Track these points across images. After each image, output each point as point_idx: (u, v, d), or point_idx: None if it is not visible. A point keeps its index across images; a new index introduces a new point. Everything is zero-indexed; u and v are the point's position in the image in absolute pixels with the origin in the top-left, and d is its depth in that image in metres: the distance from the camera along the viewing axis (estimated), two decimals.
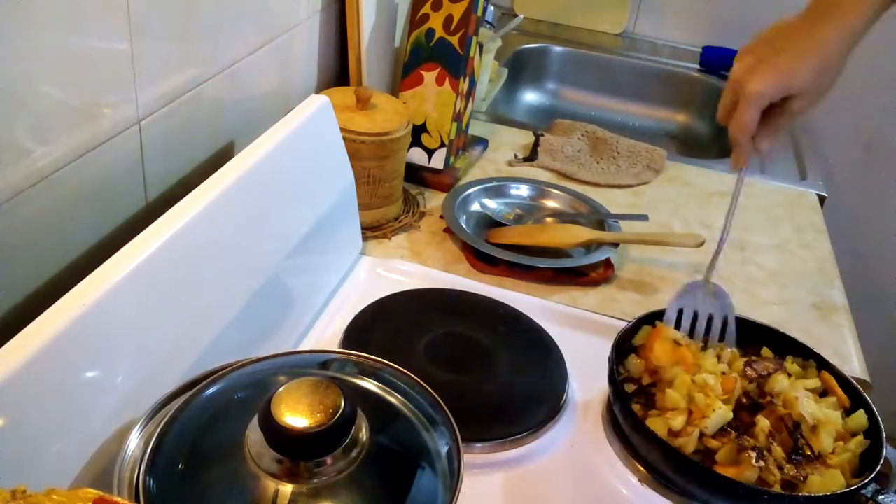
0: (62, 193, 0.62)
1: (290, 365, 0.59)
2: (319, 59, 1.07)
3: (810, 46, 0.71)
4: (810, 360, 0.78)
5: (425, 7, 1.08)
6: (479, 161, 1.24)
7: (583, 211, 1.10)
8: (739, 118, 0.73)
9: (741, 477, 0.65)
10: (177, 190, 0.78)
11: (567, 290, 0.96)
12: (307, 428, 0.47)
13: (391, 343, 0.81)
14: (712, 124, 1.69)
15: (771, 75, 0.71)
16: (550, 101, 1.77)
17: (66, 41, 0.59)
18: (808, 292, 1.02)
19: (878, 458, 0.67)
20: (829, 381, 0.75)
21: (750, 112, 0.72)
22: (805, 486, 0.65)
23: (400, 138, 0.97)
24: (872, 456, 0.68)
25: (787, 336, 0.80)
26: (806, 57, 0.71)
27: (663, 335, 0.76)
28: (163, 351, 0.59)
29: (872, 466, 0.66)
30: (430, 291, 0.90)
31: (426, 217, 1.07)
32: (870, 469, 0.66)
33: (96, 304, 0.53)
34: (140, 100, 0.69)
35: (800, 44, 0.72)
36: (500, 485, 0.70)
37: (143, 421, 0.54)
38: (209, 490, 0.49)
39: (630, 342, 0.79)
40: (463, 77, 1.09)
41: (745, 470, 0.65)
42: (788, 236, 1.14)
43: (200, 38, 0.77)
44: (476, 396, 0.76)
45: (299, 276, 0.81)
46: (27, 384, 0.48)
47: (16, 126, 0.56)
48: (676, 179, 1.28)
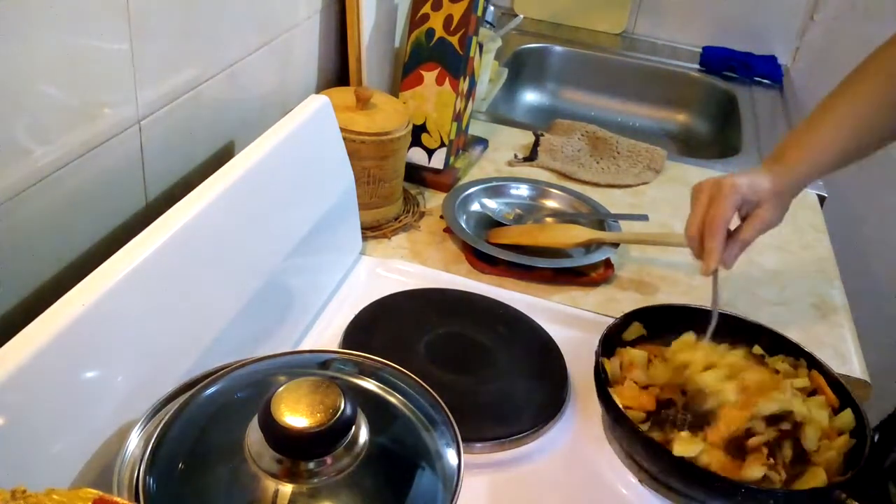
0: (62, 193, 0.62)
1: (290, 365, 0.59)
2: (319, 59, 1.07)
3: (767, 173, 0.81)
4: (801, 359, 0.78)
5: (425, 7, 1.08)
6: (479, 161, 1.24)
7: (583, 211, 1.10)
8: (715, 210, 0.77)
9: (745, 476, 0.65)
10: (177, 190, 0.78)
11: (567, 290, 0.96)
12: (307, 428, 0.47)
13: (391, 343, 0.81)
14: (712, 124, 1.69)
15: (742, 176, 0.79)
16: (550, 101, 1.77)
17: (66, 41, 0.59)
18: (808, 292, 1.02)
19: (861, 456, 0.67)
20: (819, 380, 0.76)
21: (726, 204, 0.77)
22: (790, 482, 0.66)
23: (400, 138, 0.97)
24: (858, 455, 0.68)
25: (778, 334, 0.80)
26: (766, 174, 0.80)
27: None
28: (163, 351, 0.59)
29: (856, 465, 0.67)
30: (430, 291, 0.90)
31: (426, 217, 1.07)
32: (853, 467, 0.67)
33: (96, 304, 0.53)
34: (140, 100, 0.69)
35: (758, 172, 0.81)
36: (501, 485, 0.70)
37: (143, 421, 0.54)
38: (209, 490, 0.49)
39: (619, 337, 0.80)
40: (463, 77, 1.09)
41: (752, 468, 0.65)
42: (788, 236, 1.14)
43: (200, 38, 0.77)
44: (476, 396, 0.76)
45: (299, 276, 0.81)
46: (27, 384, 0.48)
47: (16, 126, 0.56)
48: (676, 179, 1.28)
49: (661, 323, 0.81)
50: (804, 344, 0.79)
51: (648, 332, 0.81)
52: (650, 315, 0.82)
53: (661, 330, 0.81)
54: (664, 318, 0.81)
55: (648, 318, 0.82)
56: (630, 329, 0.81)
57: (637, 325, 0.81)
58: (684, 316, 0.81)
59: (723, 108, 1.65)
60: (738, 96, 1.63)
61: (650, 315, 0.82)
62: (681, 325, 0.80)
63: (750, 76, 1.71)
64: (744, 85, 1.69)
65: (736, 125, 1.53)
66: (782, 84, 1.72)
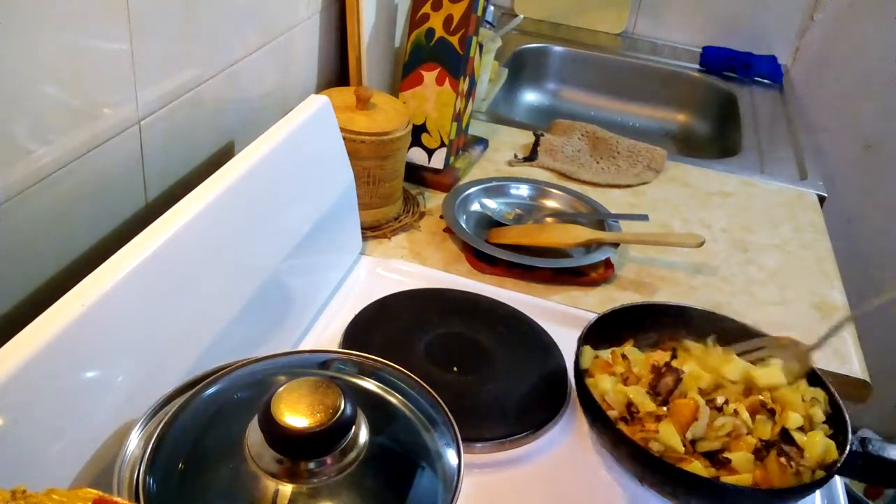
0: (62, 193, 0.62)
1: (290, 365, 0.59)
2: (319, 59, 1.07)
3: None
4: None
5: (425, 7, 1.08)
6: (479, 161, 1.24)
7: (583, 211, 1.10)
8: None
9: (774, 482, 0.64)
10: (177, 190, 0.78)
11: (567, 290, 0.96)
12: (307, 428, 0.47)
13: (391, 343, 0.81)
14: (712, 124, 1.69)
15: None
16: (550, 101, 1.77)
17: (66, 41, 0.59)
18: (808, 292, 1.02)
19: (844, 445, 0.67)
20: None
21: None
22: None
23: (400, 138, 0.97)
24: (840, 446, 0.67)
25: (745, 326, 0.79)
26: None
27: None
28: (163, 351, 0.59)
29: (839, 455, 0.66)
30: (430, 291, 0.90)
31: (426, 217, 1.07)
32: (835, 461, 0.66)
33: (96, 304, 0.53)
34: (140, 100, 0.69)
35: None
36: (501, 485, 0.70)
37: (143, 421, 0.54)
38: (209, 490, 0.49)
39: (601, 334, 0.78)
40: (463, 77, 1.09)
41: (779, 474, 0.64)
42: (788, 236, 1.14)
43: (200, 38, 0.77)
44: (476, 396, 0.76)
45: (299, 276, 0.81)
46: (27, 384, 0.48)
47: (16, 126, 0.56)
48: (676, 179, 1.28)
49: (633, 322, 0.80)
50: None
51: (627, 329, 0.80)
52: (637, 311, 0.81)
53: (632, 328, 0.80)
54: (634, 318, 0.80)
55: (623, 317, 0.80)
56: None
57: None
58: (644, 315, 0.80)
59: (723, 108, 1.65)
60: (738, 96, 1.63)
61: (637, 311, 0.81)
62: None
63: (750, 76, 1.71)
64: (744, 85, 1.69)
65: (736, 125, 1.53)
66: (782, 84, 1.72)
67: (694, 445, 0.67)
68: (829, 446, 0.67)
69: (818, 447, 0.66)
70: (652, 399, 0.69)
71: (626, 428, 0.68)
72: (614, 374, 0.73)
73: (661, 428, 0.67)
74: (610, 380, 0.72)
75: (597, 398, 0.70)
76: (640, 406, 0.69)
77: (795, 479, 0.64)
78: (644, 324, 0.80)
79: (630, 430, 0.68)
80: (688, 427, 0.67)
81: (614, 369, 0.74)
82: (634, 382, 0.72)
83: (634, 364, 0.74)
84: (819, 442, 0.67)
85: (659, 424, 0.67)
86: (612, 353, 0.76)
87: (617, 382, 0.72)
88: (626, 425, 0.69)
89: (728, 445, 0.67)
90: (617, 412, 0.70)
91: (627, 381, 0.72)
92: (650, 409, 0.68)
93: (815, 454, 0.66)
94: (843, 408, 0.70)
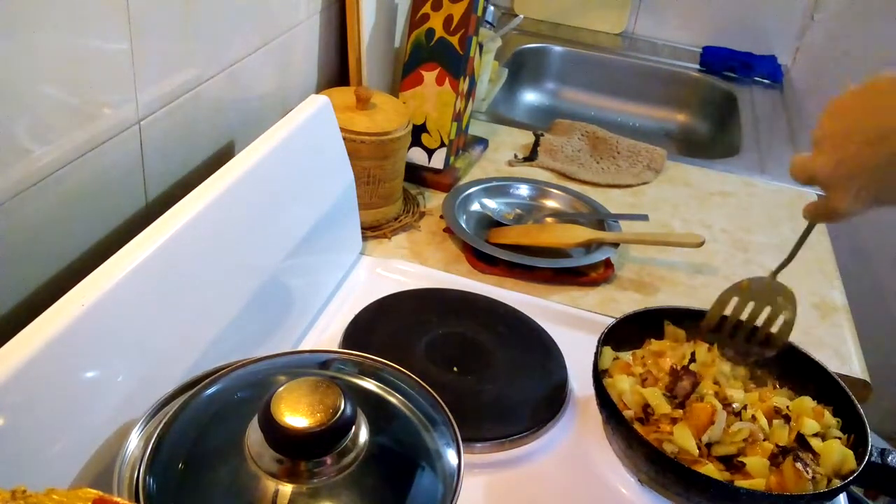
0: (62, 193, 0.62)
1: (290, 365, 0.59)
2: (319, 59, 1.07)
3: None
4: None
5: (425, 7, 1.08)
6: (479, 161, 1.24)
7: (583, 211, 1.10)
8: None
9: (788, 488, 0.64)
10: (177, 190, 0.78)
11: (567, 290, 0.96)
12: (307, 428, 0.47)
13: (391, 343, 0.81)
14: (712, 124, 1.69)
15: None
16: (550, 101, 1.77)
17: (67, 41, 0.59)
18: (808, 292, 1.02)
19: (863, 455, 0.66)
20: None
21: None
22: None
23: (400, 138, 0.97)
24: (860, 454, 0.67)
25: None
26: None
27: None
28: (163, 351, 0.59)
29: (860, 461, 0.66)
30: (430, 291, 0.90)
31: (426, 217, 1.07)
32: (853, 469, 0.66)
33: (96, 304, 0.53)
34: (140, 100, 0.69)
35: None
36: (501, 485, 0.70)
37: (143, 421, 0.54)
38: (209, 490, 0.49)
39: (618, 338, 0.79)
40: (463, 77, 1.09)
41: (795, 480, 0.64)
42: (788, 236, 1.14)
43: (200, 38, 0.77)
44: (476, 396, 0.76)
45: (299, 276, 0.81)
46: (27, 384, 0.48)
47: (16, 126, 0.56)
48: (676, 179, 1.28)
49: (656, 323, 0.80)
50: (804, 344, 0.79)
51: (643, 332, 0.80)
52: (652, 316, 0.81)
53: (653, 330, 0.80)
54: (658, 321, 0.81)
55: (650, 319, 0.81)
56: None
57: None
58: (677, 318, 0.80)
59: (723, 108, 1.65)
60: (738, 96, 1.63)
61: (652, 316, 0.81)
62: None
63: (750, 76, 1.71)
64: (744, 85, 1.69)
65: (736, 125, 1.53)
66: (782, 84, 1.72)
67: (709, 449, 0.67)
68: (847, 455, 0.67)
69: (835, 455, 0.66)
70: (668, 401, 0.70)
71: (640, 428, 0.69)
72: (633, 375, 0.74)
73: (676, 430, 0.67)
74: (628, 380, 0.73)
75: (614, 398, 0.71)
76: (656, 408, 0.69)
77: (811, 486, 0.64)
78: (663, 326, 0.80)
79: (645, 430, 0.69)
80: (704, 430, 0.67)
81: (633, 370, 0.74)
82: (653, 384, 0.72)
83: (655, 360, 0.74)
84: (836, 450, 0.67)
85: (674, 427, 0.67)
86: (632, 354, 0.77)
87: (635, 383, 0.72)
88: (641, 426, 0.69)
89: (744, 450, 0.67)
90: (633, 412, 0.70)
91: (646, 383, 0.73)
92: (666, 411, 0.69)
93: (832, 462, 0.66)
94: (863, 417, 0.70)
